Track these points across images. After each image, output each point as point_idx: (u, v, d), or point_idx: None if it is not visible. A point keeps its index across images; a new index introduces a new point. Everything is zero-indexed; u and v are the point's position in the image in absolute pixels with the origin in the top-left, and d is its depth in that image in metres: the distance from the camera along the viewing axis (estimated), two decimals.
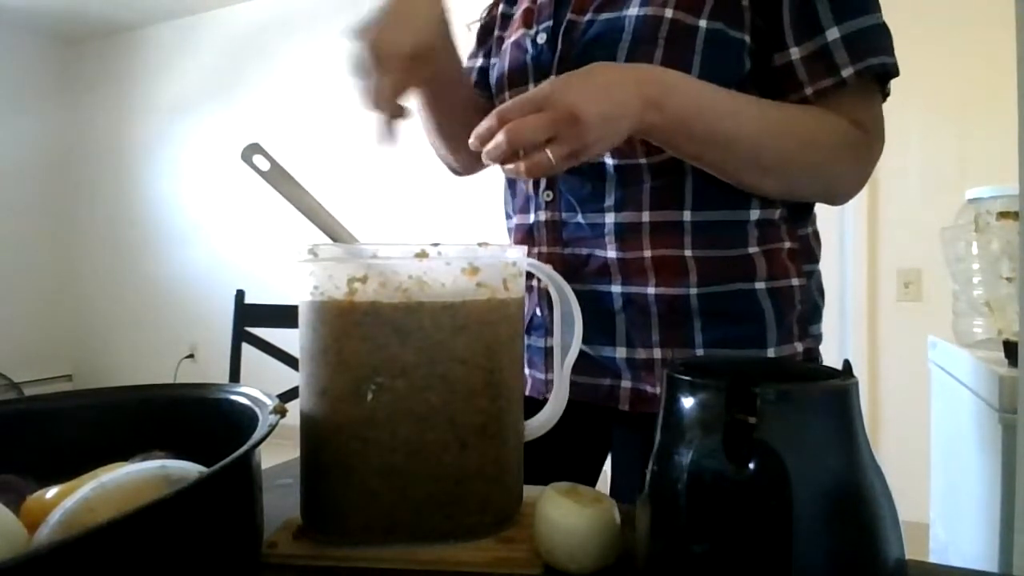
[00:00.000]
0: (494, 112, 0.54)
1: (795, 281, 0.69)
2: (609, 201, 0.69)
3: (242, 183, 3.88)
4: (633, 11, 0.65)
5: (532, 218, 0.75)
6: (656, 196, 0.67)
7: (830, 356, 0.63)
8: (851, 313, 2.50)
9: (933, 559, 1.46)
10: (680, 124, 0.59)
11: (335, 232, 0.55)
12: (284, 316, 1.60)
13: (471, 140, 0.57)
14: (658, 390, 0.68)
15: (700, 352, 0.67)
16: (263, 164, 0.53)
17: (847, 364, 0.39)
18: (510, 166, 0.55)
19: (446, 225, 3.30)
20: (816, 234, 0.74)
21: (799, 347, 0.69)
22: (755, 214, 0.67)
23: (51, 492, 0.43)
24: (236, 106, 4.05)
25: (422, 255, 0.49)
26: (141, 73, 4.42)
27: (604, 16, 0.68)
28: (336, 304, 0.48)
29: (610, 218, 0.69)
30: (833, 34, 0.62)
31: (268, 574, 0.46)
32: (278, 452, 0.63)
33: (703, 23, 0.63)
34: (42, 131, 4.55)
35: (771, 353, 0.67)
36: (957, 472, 1.33)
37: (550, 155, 0.53)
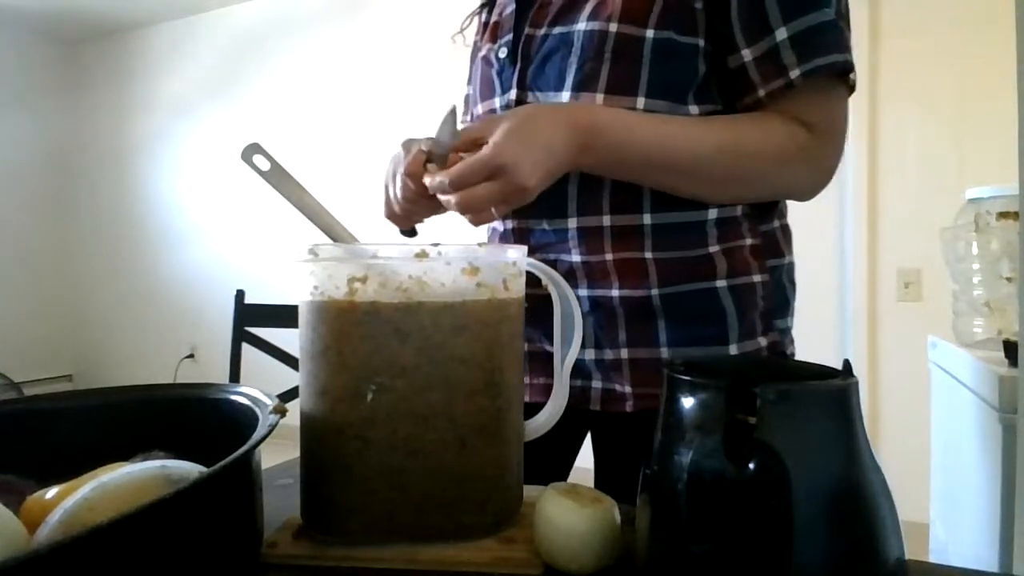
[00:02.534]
0: (449, 179, 0.58)
1: (757, 277, 0.69)
2: (572, 207, 0.70)
3: (242, 183, 3.88)
4: (581, 26, 0.67)
5: (502, 226, 0.77)
6: (616, 201, 0.68)
7: (830, 356, 0.63)
8: (851, 313, 2.50)
9: (933, 559, 1.46)
10: (612, 161, 0.64)
11: (335, 232, 0.55)
12: (284, 316, 1.59)
13: (428, 183, 0.61)
14: (627, 389, 0.69)
15: (665, 351, 0.68)
16: (263, 164, 0.53)
17: (847, 364, 0.39)
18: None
19: (446, 225, 3.29)
20: (784, 228, 0.75)
21: (763, 342, 0.70)
22: (713, 213, 0.68)
23: (51, 492, 0.43)
24: (236, 106, 4.05)
25: (422, 255, 0.49)
26: (141, 73, 4.42)
27: (557, 30, 0.69)
28: (336, 304, 0.48)
29: (573, 223, 0.70)
30: (782, 34, 0.62)
31: (268, 574, 0.46)
32: (278, 452, 0.63)
33: (650, 33, 0.64)
34: (42, 131, 4.55)
35: (734, 350, 0.68)
36: (957, 472, 1.33)
37: (495, 212, 0.60)
